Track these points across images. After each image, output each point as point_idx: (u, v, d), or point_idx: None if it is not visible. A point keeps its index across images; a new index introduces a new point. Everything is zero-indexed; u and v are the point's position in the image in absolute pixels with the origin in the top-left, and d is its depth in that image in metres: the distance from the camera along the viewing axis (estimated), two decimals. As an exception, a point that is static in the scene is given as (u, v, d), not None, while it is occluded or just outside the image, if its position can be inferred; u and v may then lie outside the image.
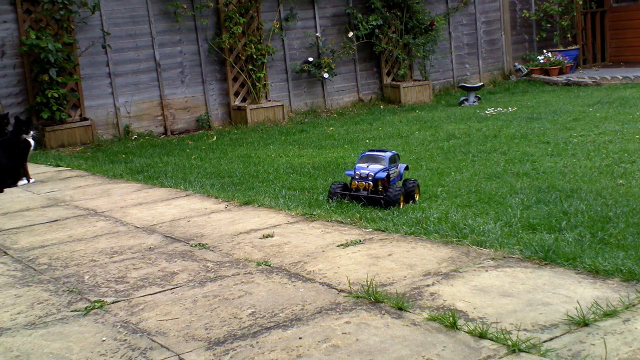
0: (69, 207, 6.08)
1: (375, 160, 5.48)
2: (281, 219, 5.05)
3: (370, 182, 5.32)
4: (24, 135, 7.38)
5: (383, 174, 5.36)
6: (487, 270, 3.60)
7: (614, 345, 2.66)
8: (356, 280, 3.59)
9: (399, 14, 12.93)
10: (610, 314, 2.92)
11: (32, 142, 7.47)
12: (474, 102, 12.17)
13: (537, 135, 8.11)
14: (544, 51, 14.89)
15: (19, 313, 3.56)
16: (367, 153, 5.59)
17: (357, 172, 5.42)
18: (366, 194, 5.32)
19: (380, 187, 5.35)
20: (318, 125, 10.97)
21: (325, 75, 12.33)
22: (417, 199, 5.47)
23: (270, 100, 11.97)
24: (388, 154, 5.48)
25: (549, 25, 15.06)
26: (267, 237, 4.59)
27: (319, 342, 2.90)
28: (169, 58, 11.29)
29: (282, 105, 11.80)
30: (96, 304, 3.58)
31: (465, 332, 2.87)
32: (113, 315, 3.42)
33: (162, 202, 6.01)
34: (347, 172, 5.60)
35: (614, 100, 10.71)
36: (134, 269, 4.15)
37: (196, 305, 3.45)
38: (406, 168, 5.71)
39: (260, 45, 11.71)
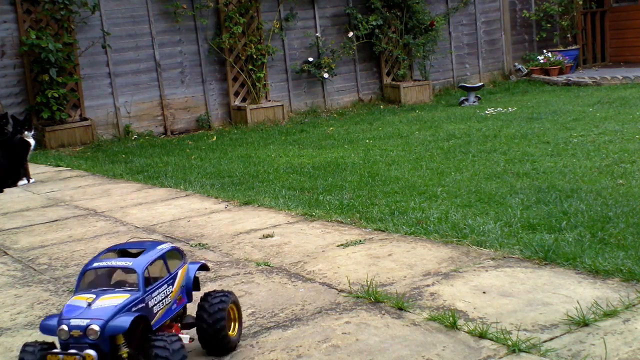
0: (69, 207, 6.08)
1: (111, 280, 2.65)
2: (281, 219, 5.05)
3: (93, 354, 2.39)
4: (24, 135, 7.38)
5: (125, 320, 2.42)
6: (487, 270, 3.61)
7: (614, 345, 2.66)
8: (356, 280, 3.59)
9: (399, 14, 12.92)
10: (610, 314, 2.92)
11: (32, 142, 7.47)
12: (474, 102, 12.16)
13: (537, 135, 8.11)
14: (544, 51, 14.88)
15: (19, 313, 3.56)
16: (97, 262, 2.66)
17: (63, 326, 2.44)
18: None
19: (124, 353, 2.47)
20: (318, 125, 10.96)
21: (325, 75, 12.33)
22: (233, 335, 2.83)
23: (270, 100, 11.96)
24: (146, 259, 2.66)
25: (549, 25, 15.06)
26: (267, 237, 4.59)
27: (319, 342, 2.90)
28: (169, 58, 11.28)
29: (282, 105, 11.79)
30: (96, 304, 3.57)
31: (465, 332, 2.87)
32: (113, 315, 3.42)
33: (162, 202, 6.01)
34: (45, 323, 2.51)
35: (614, 100, 10.71)
36: (134, 269, 4.14)
37: (196, 305, 3.45)
38: (202, 267, 2.98)
39: (260, 45, 11.71)
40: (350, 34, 12.67)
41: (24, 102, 10.22)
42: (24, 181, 7.38)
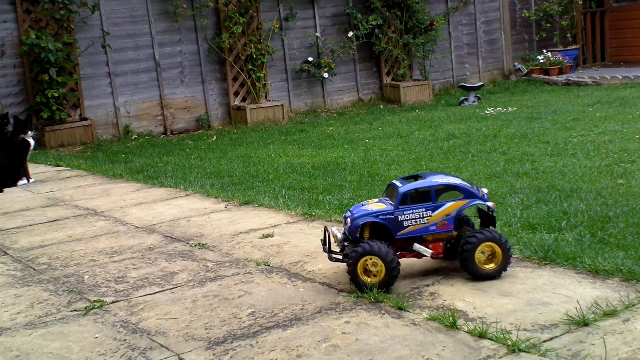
0: (69, 207, 6.08)
1: (392, 194, 3.51)
2: (281, 219, 5.05)
3: (338, 234, 3.54)
4: (24, 135, 7.38)
5: (361, 221, 3.42)
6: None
7: (614, 345, 2.66)
8: (356, 280, 3.59)
9: (399, 14, 12.92)
10: (610, 314, 2.92)
11: (32, 142, 7.47)
12: (474, 102, 12.16)
13: (537, 135, 8.11)
14: (544, 51, 14.88)
15: (19, 313, 3.56)
16: (394, 181, 3.61)
17: (346, 214, 3.62)
18: (334, 256, 3.54)
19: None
20: (318, 125, 10.96)
21: (325, 75, 12.33)
22: (486, 267, 3.43)
23: (270, 100, 11.96)
24: (411, 186, 3.45)
25: (549, 25, 15.06)
26: (267, 237, 4.59)
27: (319, 342, 2.90)
28: (169, 58, 11.28)
29: (282, 105, 11.79)
30: (96, 304, 3.58)
31: (465, 332, 2.87)
32: (113, 315, 3.43)
33: (162, 202, 6.01)
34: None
35: (614, 100, 10.71)
36: (134, 269, 4.15)
37: (196, 305, 3.46)
38: (488, 219, 3.59)
39: (260, 45, 11.70)
40: (350, 34, 12.67)
41: (24, 102, 10.22)
42: (24, 181, 7.39)
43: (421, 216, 3.43)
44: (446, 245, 3.54)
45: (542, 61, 14.58)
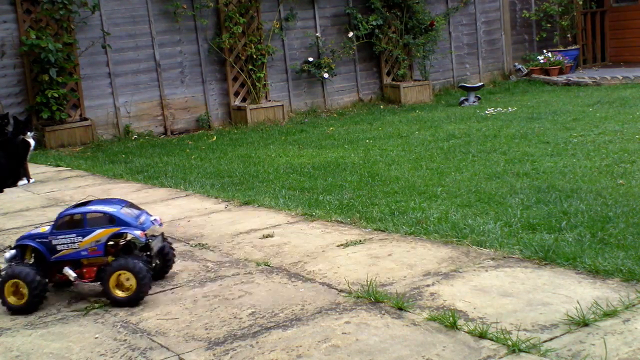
0: (69, 207, 6.07)
1: None
2: (281, 219, 5.05)
3: (7, 255, 3.70)
4: (24, 136, 7.37)
5: (18, 243, 3.69)
6: (487, 270, 3.61)
7: (614, 345, 2.66)
8: (356, 280, 3.59)
9: (399, 14, 12.92)
10: (610, 314, 2.93)
11: (32, 142, 7.47)
12: (474, 102, 12.16)
13: (537, 135, 8.11)
14: (544, 51, 14.88)
15: (19, 313, 3.56)
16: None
17: None
18: None
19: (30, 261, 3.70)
20: (318, 125, 10.96)
21: (325, 75, 12.33)
22: (118, 294, 3.51)
23: (270, 100, 11.96)
24: (66, 212, 3.63)
25: (549, 25, 15.06)
26: (267, 237, 4.59)
27: (319, 342, 2.90)
28: (169, 58, 11.28)
29: (282, 105, 11.79)
30: (96, 304, 3.58)
31: (465, 332, 2.87)
32: (113, 315, 3.43)
33: (162, 202, 6.01)
34: None
35: (614, 100, 10.71)
36: (134, 269, 4.14)
37: (196, 305, 3.46)
38: (146, 247, 3.79)
39: (260, 45, 11.70)
40: (350, 34, 12.67)
41: (24, 102, 10.22)
42: (24, 181, 7.38)
43: (72, 241, 3.57)
44: (102, 270, 3.59)
45: (542, 61, 14.58)
